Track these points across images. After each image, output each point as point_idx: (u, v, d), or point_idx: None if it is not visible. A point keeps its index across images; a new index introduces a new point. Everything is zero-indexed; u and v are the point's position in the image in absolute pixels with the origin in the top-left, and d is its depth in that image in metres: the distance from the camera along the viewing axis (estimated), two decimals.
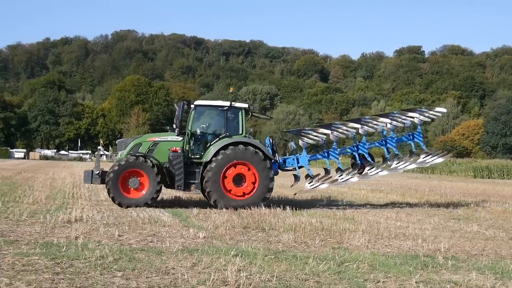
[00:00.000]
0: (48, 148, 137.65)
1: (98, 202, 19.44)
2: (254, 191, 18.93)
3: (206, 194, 19.27)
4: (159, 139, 19.71)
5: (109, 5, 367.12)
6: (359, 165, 20.70)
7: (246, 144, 19.04)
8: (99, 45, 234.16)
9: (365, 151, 20.76)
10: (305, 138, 20.34)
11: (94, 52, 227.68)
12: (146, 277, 8.46)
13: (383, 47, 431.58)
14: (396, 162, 20.80)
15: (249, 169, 18.89)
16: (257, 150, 18.96)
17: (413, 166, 21.26)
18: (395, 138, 21.36)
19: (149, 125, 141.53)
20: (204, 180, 18.71)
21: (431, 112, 21.35)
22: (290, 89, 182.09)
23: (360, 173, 20.62)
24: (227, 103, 19.61)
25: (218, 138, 19.35)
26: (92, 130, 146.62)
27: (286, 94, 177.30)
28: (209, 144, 19.34)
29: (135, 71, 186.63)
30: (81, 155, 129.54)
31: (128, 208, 17.69)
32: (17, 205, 17.16)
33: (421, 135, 21.50)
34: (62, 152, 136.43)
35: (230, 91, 21.45)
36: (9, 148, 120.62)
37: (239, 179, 18.93)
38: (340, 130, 20.21)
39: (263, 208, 18.40)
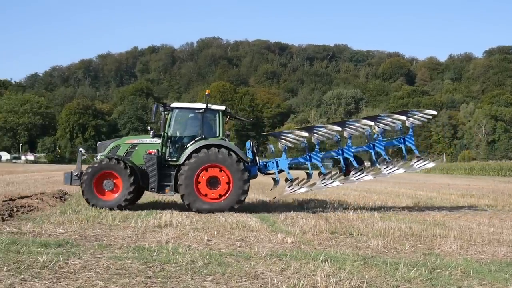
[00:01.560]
0: None
1: (186, 208, 19.69)
2: (228, 194, 18.59)
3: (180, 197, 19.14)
4: (138, 141, 19.81)
5: (194, 13, 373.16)
6: (343, 169, 20.05)
7: (220, 146, 18.77)
8: (185, 53, 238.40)
9: (350, 155, 20.04)
10: (283, 141, 19.71)
11: (180, 59, 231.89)
12: (236, 282, 8.48)
13: (472, 48, 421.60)
14: (385, 166, 19.94)
15: (222, 172, 18.59)
16: (230, 153, 18.62)
17: (401, 170, 20.34)
18: (384, 142, 20.55)
19: (234, 130, 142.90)
20: (178, 183, 18.59)
21: (420, 114, 20.45)
22: (376, 93, 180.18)
23: (345, 177, 19.94)
24: (204, 105, 19.45)
25: (194, 141, 19.20)
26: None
27: (372, 98, 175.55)
28: (185, 146, 19.23)
29: (220, 78, 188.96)
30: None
31: (216, 213, 17.86)
32: (109, 210, 17.58)
33: (413, 139, 20.60)
34: None
35: (206, 93, 21.03)
36: None
37: (213, 182, 18.65)
38: (320, 133, 19.54)
39: (351, 213, 18.24)
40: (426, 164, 20.59)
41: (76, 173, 19.26)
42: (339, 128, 19.63)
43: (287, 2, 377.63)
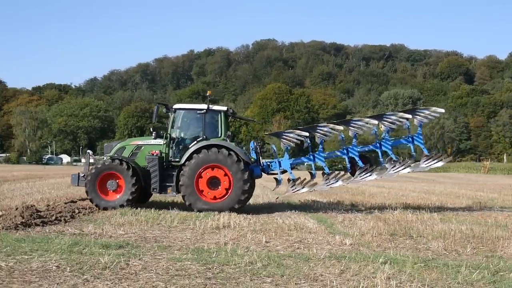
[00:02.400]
0: None
1: (244, 209, 19.77)
2: (228, 194, 18.66)
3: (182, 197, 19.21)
4: (142, 143, 20.05)
5: (250, 16, 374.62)
6: (348, 168, 19.87)
7: (220, 147, 18.84)
8: (240, 55, 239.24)
9: (356, 154, 19.73)
10: (285, 141, 19.49)
11: (236, 62, 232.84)
12: (295, 284, 8.47)
13: None
14: (392, 166, 19.54)
15: (223, 172, 18.67)
16: (230, 153, 18.66)
17: (408, 170, 19.84)
18: (392, 141, 20.10)
19: None
20: (179, 183, 18.75)
21: (427, 112, 19.77)
22: (433, 93, 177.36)
23: (351, 176, 19.67)
24: (205, 106, 19.67)
25: (196, 141, 19.33)
26: (236, 138, 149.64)
27: (429, 98, 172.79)
28: (187, 147, 19.34)
29: (276, 79, 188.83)
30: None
31: (273, 214, 17.91)
32: (168, 212, 17.78)
33: (421, 137, 20.13)
34: None
35: (208, 94, 21.21)
36: None
37: (214, 182, 18.75)
38: (323, 132, 19.29)
39: (410, 214, 18.03)
40: (436, 163, 19.99)
41: (83, 175, 19.64)
42: (341, 127, 19.47)
43: (343, 2, 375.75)
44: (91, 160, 20.54)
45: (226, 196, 18.67)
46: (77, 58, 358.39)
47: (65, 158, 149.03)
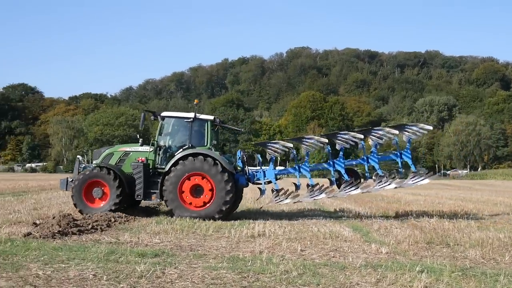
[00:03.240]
0: None
1: (279, 217, 19.74)
2: (210, 203, 18.80)
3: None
4: (130, 149, 20.39)
5: (283, 23, 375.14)
6: (334, 182, 19.82)
7: (204, 155, 19.02)
8: (274, 63, 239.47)
9: (342, 167, 19.68)
10: (270, 151, 19.66)
11: (270, 70, 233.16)
12: None
13: None
14: (377, 180, 19.41)
15: (206, 181, 18.81)
16: (215, 162, 18.85)
17: (393, 186, 19.57)
18: (379, 156, 20.04)
19: None
20: (163, 190, 18.94)
21: (415, 128, 19.52)
22: (469, 99, 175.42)
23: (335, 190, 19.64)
24: (192, 115, 19.92)
25: (182, 149, 19.52)
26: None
27: (465, 105, 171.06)
28: (174, 154, 19.55)
29: (310, 87, 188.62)
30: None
31: (308, 223, 17.85)
32: (203, 220, 17.85)
33: (410, 153, 19.91)
34: None
35: (194, 103, 21.77)
36: None
37: (197, 190, 18.94)
38: (308, 143, 19.44)
39: (446, 222, 17.83)
40: (422, 180, 19.81)
41: (72, 180, 20.01)
42: (326, 140, 19.52)
43: (377, 10, 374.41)
44: (82, 165, 20.87)
45: (208, 205, 18.85)
46: (113, 68, 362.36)
47: None
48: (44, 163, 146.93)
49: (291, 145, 19.68)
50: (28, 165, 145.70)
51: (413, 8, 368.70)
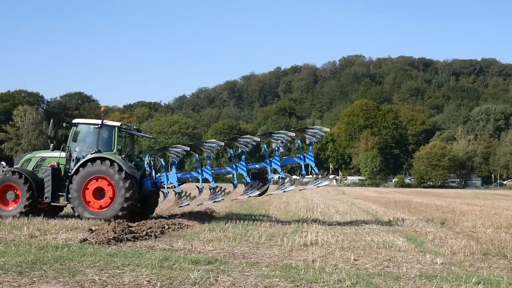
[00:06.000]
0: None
1: (331, 226, 19.64)
2: (111, 205, 19.68)
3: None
4: (46, 155, 21.47)
5: (336, 32, 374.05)
6: (235, 185, 20.57)
7: (107, 159, 19.85)
8: (327, 72, 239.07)
9: (244, 170, 20.18)
10: (172, 155, 20.67)
11: (322, 78, 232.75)
12: None
13: None
14: (280, 183, 20.07)
15: (108, 184, 19.75)
16: (115, 166, 19.69)
17: (292, 188, 19.96)
18: (284, 159, 20.50)
19: (378, 148, 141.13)
20: (69, 193, 19.93)
21: (314, 131, 19.71)
22: None
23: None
24: (99, 121, 20.96)
25: (89, 154, 20.33)
26: (322, 155, 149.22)
27: None
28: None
29: (363, 95, 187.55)
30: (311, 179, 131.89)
31: (361, 232, 17.72)
32: (255, 228, 17.87)
33: (312, 156, 20.00)
34: (294, 176, 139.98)
35: (102, 110, 23.69)
36: None
37: (99, 193, 19.87)
38: (208, 147, 20.30)
39: (503, 233, 17.48)
40: (324, 181, 20.23)
41: None
42: (222, 144, 20.47)
43: (431, 17, 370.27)
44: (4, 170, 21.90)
45: (110, 206, 19.74)
46: (167, 77, 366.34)
47: None
48: None
49: (188, 148, 20.86)
50: None
51: (469, 15, 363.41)
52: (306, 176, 21.34)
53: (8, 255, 11.41)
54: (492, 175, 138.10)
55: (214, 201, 20.86)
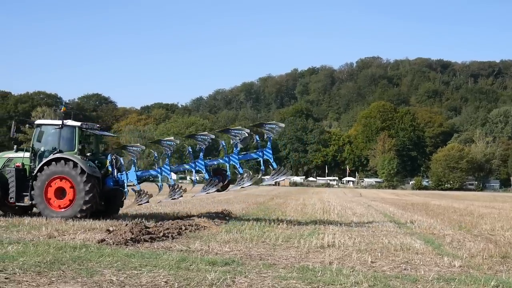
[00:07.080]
0: (297, 175, 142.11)
1: (348, 228, 19.57)
2: (72, 204, 20.00)
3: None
4: (13, 156, 21.73)
5: (353, 33, 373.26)
6: (194, 182, 21.29)
7: (67, 159, 20.10)
8: (344, 73, 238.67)
9: (202, 167, 20.53)
10: (130, 153, 21.06)
11: (339, 80, 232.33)
12: None
13: None
14: (239, 179, 20.21)
15: (68, 183, 20.05)
16: (76, 165, 19.94)
17: (248, 184, 20.23)
18: (242, 155, 20.56)
19: (395, 150, 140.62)
20: (32, 193, 20.24)
21: (271, 126, 19.94)
22: None
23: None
24: (60, 122, 21.19)
25: (52, 154, 20.60)
26: (339, 156, 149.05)
27: None
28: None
29: (380, 97, 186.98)
30: (328, 181, 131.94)
31: (379, 234, 17.64)
32: (272, 230, 17.87)
33: (271, 152, 19.97)
34: (310, 178, 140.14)
35: (62, 110, 24.22)
36: None
37: (61, 192, 20.20)
38: (166, 145, 20.73)
39: None
40: (281, 176, 20.41)
41: None
42: (178, 141, 20.87)
43: (449, 19, 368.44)
44: None
45: (70, 206, 20.06)
46: (184, 78, 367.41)
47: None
48: None
49: (143, 147, 21.60)
50: None
51: (488, 16, 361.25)
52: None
53: (27, 255, 11.48)
54: (511, 177, 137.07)
55: (173, 199, 21.30)
